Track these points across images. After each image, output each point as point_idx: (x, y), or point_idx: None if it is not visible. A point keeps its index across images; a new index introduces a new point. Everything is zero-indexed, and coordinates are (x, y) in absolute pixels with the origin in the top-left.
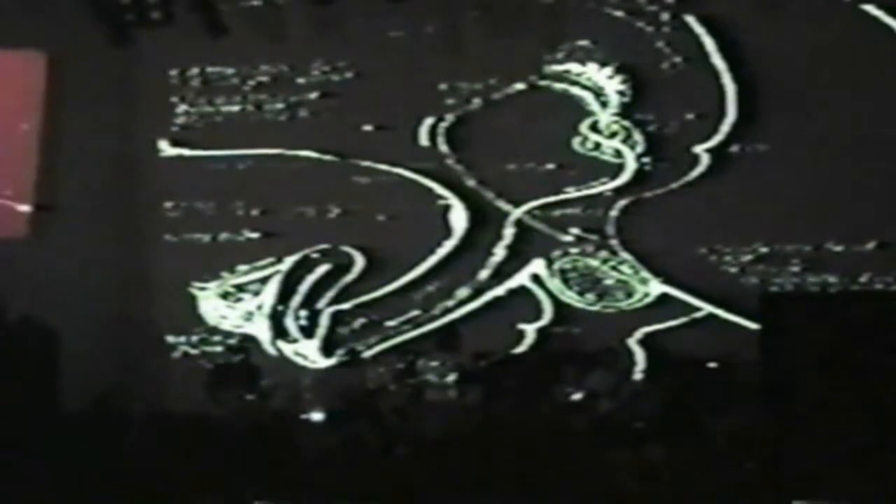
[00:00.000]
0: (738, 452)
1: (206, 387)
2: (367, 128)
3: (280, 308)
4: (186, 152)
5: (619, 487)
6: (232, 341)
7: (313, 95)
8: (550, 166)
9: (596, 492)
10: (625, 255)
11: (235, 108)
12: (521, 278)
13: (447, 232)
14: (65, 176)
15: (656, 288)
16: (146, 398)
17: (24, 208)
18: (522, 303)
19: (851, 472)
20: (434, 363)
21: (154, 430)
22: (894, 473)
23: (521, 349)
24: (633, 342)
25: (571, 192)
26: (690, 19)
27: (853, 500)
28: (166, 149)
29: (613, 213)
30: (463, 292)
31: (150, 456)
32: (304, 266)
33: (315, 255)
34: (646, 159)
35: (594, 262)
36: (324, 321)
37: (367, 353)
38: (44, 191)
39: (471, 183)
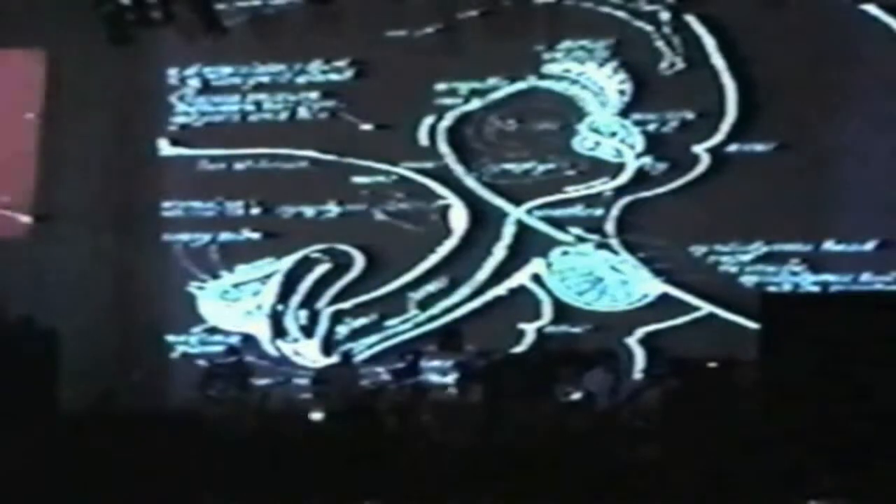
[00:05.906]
0: (738, 452)
1: (204, 386)
2: (367, 128)
3: (280, 307)
4: (186, 152)
5: (619, 486)
6: (232, 340)
7: (313, 95)
8: (550, 166)
9: (596, 491)
10: (625, 254)
11: (235, 108)
12: (521, 278)
13: (447, 232)
14: (65, 176)
15: (656, 288)
16: (146, 398)
17: (26, 219)
18: (522, 303)
19: (851, 471)
20: (434, 363)
21: (154, 430)
22: (893, 473)
23: (520, 349)
24: (633, 342)
25: (571, 192)
26: (690, 19)
27: (853, 500)
28: (166, 149)
29: (614, 212)
30: (463, 292)
31: (150, 455)
32: (304, 266)
33: (315, 255)
34: (646, 159)
35: (594, 262)
36: (324, 321)
37: (367, 353)
38: (44, 191)
39: (471, 183)
